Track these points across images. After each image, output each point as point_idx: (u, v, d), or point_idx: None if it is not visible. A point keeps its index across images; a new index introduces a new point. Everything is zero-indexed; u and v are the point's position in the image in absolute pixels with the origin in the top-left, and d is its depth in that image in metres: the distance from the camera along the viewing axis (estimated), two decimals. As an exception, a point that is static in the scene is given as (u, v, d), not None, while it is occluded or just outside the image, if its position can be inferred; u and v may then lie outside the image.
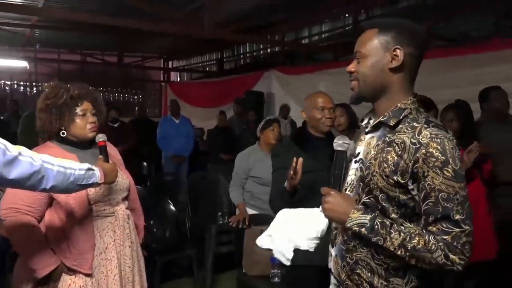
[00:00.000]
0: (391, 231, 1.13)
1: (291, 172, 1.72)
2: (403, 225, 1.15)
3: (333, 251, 1.36)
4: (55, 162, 1.39)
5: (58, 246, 1.73)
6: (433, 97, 2.97)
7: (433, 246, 1.08)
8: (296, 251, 2.09)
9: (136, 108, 7.19)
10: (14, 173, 1.24)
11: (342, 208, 1.21)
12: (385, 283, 1.20)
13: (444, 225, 1.09)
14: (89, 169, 1.54)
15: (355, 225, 1.17)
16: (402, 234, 1.12)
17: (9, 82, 11.28)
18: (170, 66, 12.87)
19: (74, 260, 1.73)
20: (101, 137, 1.79)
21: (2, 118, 6.72)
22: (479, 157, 2.39)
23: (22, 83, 11.45)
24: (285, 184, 1.83)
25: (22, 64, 8.61)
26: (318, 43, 7.93)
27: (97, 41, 9.52)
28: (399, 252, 1.12)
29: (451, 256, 1.08)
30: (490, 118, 3.06)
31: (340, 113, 3.10)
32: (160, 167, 6.09)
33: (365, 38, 1.25)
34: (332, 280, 1.40)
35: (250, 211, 3.12)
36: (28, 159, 1.28)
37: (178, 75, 13.14)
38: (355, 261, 1.25)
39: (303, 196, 1.95)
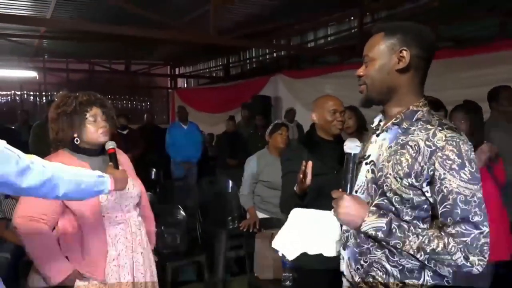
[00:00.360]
0: (409, 234, 1.14)
1: (301, 176, 1.72)
2: (419, 228, 1.15)
3: (345, 254, 1.36)
4: (66, 170, 1.41)
5: (72, 254, 1.75)
6: (439, 98, 2.96)
7: (453, 249, 1.09)
8: (307, 254, 2.10)
9: (145, 115, 7.24)
10: (27, 182, 1.25)
11: (356, 212, 1.20)
12: (401, 284, 1.21)
13: (463, 227, 1.10)
14: (100, 176, 1.56)
15: (371, 229, 1.18)
16: (420, 237, 1.13)
17: (19, 92, 11.43)
18: (176, 72, 12.94)
19: (87, 267, 1.75)
20: (110, 145, 1.82)
21: (13, 127, 6.81)
22: (490, 157, 2.38)
23: (31, 93, 11.59)
24: (295, 188, 1.83)
25: (32, 74, 8.72)
26: (324, 47, 7.93)
27: (104, 50, 9.61)
28: (418, 255, 1.13)
29: (471, 258, 1.09)
30: (499, 118, 3.04)
31: (348, 115, 3.10)
32: (168, 173, 6.12)
33: (372, 42, 1.27)
34: (345, 283, 1.40)
35: (261, 215, 3.13)
36: (40, 168, 1.30)
37: (185, 82, 13.21)
38: (369, 264, 1.26)
39: (312, 200, 1.95)
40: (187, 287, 3.74)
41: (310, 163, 1.70)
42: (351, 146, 1.29)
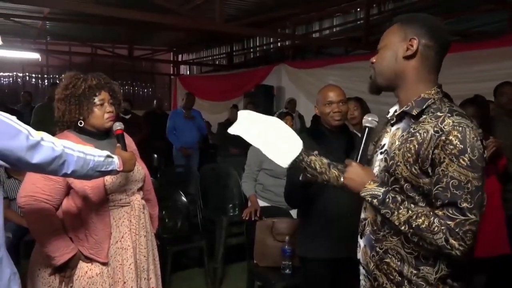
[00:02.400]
0: (400, 206, 1.18)
1: None
2: (414, 204, 1.19)
3: (361, 242, 1.39)
4: (76, 148, 1.41)
5: (76, 235, 1.76)
6: (447, 92, 2.96)
7: (436, 228, 1.12)
8: (305, 243, 2.10)
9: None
10: (37, 158, 1.25)
11: (360, 178, 1.28)
12: (415, 271, 1.22)
13: (450, 211, 1.12)
14: (108, 156, 1.55)
15: (368, 195, 1.24)
16: (410, 211, 1.17)
17: (21, 74, 11.39)
18: (179, 59, 12.87)
19: (91, 249, 1.76)
20: (118, 126, 1.81)
21: (15, 108, 6.80)
22: (495, 152, 2.39)
23: (33, 75, 11.55)
24: (300, 178, 1.84)
25: (34, 56, 8.66)
26: (329, 38, 7.88)
27: (107, 34, 9.55)
28: (403, 228, 1.17)
29: (451, 241, 1.11)
30: (500, 113, 3.05)
31: (354, 106, 3.11)
32: (170, 160, 6.12)
33: (387, 32, 1.32)
34: (361, 270, 1.42)
35: (262, 203, 3.14)
36: (50, 144, 1.30)
37: (188, 69, 13.16)
38: (384, 250, 1.28)
39: (318, 189, 1.95)
40: (187, 272, 3.77)
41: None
42: (369, 120, 1.37)
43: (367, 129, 1.36)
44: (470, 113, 2.62)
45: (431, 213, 1.15)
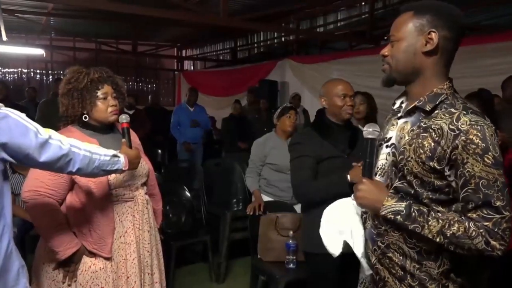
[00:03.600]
0: (429, 218, 1.14)
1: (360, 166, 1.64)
2: (439, 212, 1.15)
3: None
4: (82, 147, 1.43)
5: (80, 230, 1.76)
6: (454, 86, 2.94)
7: (474, 233, 1.09)
8: (311, 238, 2.09)
9: (149, 97, 7.23)
10: (44, 156, 1.28)
11: (375, 196, 1.22)
12: (418, 266, 1.21)
13: (485, 212, 1.09)
14: (115, 155, 1.57)
15: (390, 213, 1.18)
16: (440, 221, 1.12)
17: (25, 70, 11.42)
18: (183, 54, 12.85)
19: (94, 244, 1.76)
20: (124, 119, 1.79)
21: (19, 104, 6.82)
22: (501, 146, 2.36)
23: (38, 71, 11.58)
24: (348, 177, 1.81)
25: (39, 51, 8.68)
26: (333, 32, 7.83)
27: (111, 29, 9.55)
28: (438, 239, 1.13)
29: (492, 242, 1.08)
30: (506, 107, 3.04)
31: (360, 101, 3.09)
32: (173, 155, 6.13)
33: (400, 21, 1.23)
34: (363, 263, 1.40)
35: (266, 198, 3.13)
36: (57, 143, 1.32)
37: (192, 64, 13.14)
38: (386, 245, 1.26)
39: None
40: (191, 267, 3.78)
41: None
42: (370, 131, 1.29)
43: (370, 141, 1.29)
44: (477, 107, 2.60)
45: (463, 217, 1.12)
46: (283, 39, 9.41)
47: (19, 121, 1.22)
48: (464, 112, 1.13)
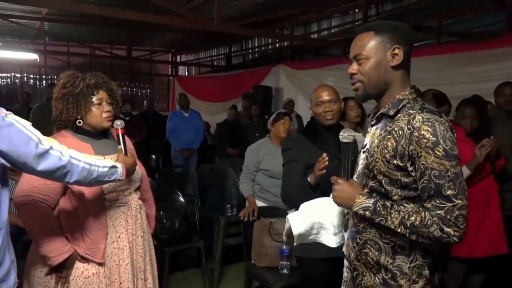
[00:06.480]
0: (391, 211, 1.23)
1: (321, 166, 1.75)
2: (403, 205, 1.24)
3: (346, 235, 1.48)
4: (82, 159, 1.46)
5: (72, 235, 1.76)
6: (446, 93, 2.96)
7: (429, 222, 1.18)
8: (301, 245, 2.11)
9: (145, 102, 7.23)
10: (42, 166, 1.32)
11: (349, 195, 1.34)
12: (391, 260, 1.29)
13: (437, 201, 1.18)
14: (113, 166, 1.59)
15: (360, 209, 1.29)
16: (401, 213, 1.22)
17: (19, 75, 11.36)
18: (178, 60, 12.86)
19: (87, 249, 1.75)
20: (119, 124, 1.79)
21: (12, 109, 6.79)
22: (494, 152, 2.39)
23: (31, 75, 11.53)
24: (309, 178, 1.88)
25: (32, 56, 8.66)
26: (327, 38, 7.88)
27: (106, 35, 9.54)
28: (399, 230, 1.22)
29: (446, 229, 1.16)
30: (499, 114, 3.06)
31: (351, 106, 3.09)
32: (168, 160, 6.11)
33: (363, 41, 1.34)
34: (345, 262, 1.49)
35: (260, 204, 3.13)
36: (57, 154, 1.36)
37: (186, 69, 13.15)
38: (364, 241, 1.36)
39: (324, 188, 1.95)
40: (185, 272, 3.77)
41: (324, 154, 1.76)
42: (345, 136, 1.46)
43: (344, 145, 1.44)
44: (468, 113, 2.63)
45: (420, 208, 1.21)
46: (277, 45, 9.46)
47: (22, 131, 1.27)
48: (419, 112, 1.24)
